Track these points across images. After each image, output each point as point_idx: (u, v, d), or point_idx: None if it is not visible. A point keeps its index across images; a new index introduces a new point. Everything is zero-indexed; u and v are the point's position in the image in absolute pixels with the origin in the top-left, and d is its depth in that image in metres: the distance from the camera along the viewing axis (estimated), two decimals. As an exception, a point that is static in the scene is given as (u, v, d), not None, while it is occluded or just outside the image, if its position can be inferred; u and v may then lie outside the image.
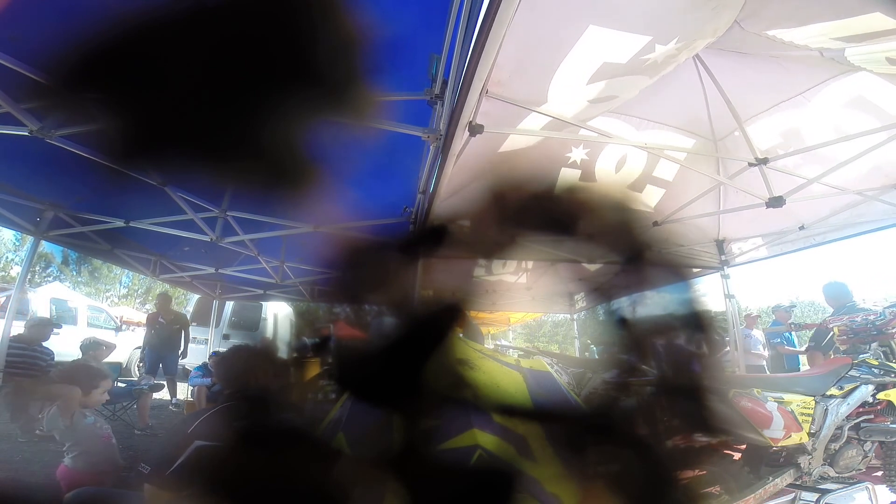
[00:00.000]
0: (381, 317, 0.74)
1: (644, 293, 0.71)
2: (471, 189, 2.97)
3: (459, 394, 0.80)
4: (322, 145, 0.69)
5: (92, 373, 2.68)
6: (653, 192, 3.79)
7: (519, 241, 0.74)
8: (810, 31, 2.06)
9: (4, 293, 7.14)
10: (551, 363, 3.35)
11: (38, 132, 2.36)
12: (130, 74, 0.60)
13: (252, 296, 7.12)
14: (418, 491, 0.65)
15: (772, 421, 2.59)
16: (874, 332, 3.16)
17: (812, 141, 2.93)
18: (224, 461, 0.77)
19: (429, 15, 1.87)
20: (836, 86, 2.67)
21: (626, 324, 0.74)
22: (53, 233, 4.18)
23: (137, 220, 3.99)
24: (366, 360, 0.75)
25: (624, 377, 0.74)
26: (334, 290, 0.81)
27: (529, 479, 0.94)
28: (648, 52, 2.16)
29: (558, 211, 0.71)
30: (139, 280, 19.72)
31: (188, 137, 0.63)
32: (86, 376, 2.59)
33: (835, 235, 3.86)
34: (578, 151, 3.36)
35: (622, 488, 0.66)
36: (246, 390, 1.52)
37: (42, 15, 1.70)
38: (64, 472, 2.33)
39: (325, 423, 1.16)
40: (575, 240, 0.71)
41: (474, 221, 0.76)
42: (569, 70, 2.18)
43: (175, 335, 6.37)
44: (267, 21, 0.62)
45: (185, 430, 1.46)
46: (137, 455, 3.68)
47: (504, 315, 9.41)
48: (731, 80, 2.68)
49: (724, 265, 4.56)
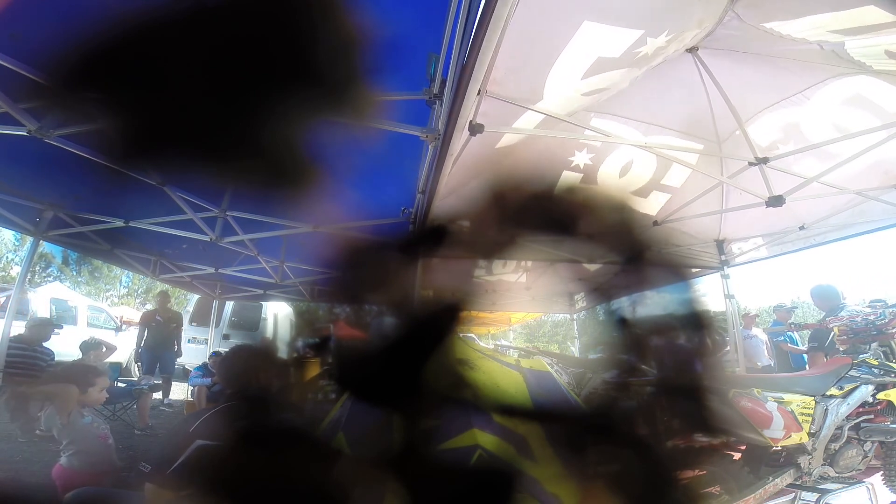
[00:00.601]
0: (381, 317, 0.74)
1: (644, 293, 0.71)
2: (470, 188, 2.97)
3: (459, 394, 0.80)
4: (321, 145, 0.69)
5: (88, 371, 2.68)
6: (658, 198, 3.79)
7: (518, 241, 0.74)
8: (807, 23, 2.07)
9: (4, 293, 7.13)
10: (551, 363, 3.35)
11: (36, 132, 2.36)
12: (129, 74, 0.60)
13: (252, 296, 7.12)
14: (418, 491, 0.65)
15: (772, 421, 2.59)
16: (874, 332, 3.16)
17: (812, 140, 2.93)
18: (225, 461, 0.77)
19: (427, 14, 1.87)
20: (836, 85, 2.67)
21: (626, 324, 0.74)
22: (53, 233, 4.18)
23: (137, 219, 3.99)
24: (366, 360, 0.74)
25: (624, 377, 0.74)
26: (334, 290, 0.81)
27: (529, 479, 0.94)
28: (640, 46, 2.17)
29: (558, 210, 0.71)
30: (139, 280, 19.72)
31: (187, 137, 0.63)
32: (82, 375, 2.59)
33: (835, 235, 3.86)
34: (582, 155, 3.35)
35: (622, 488, 0.66)
36: (246, 390, 1.52)
37: (40, 14, 1.70)
38: (59, 472, 2.33)
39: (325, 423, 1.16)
40: (575, 240, 0.71)
41: (474, 221, 0.76)
42: (564, 66, 2.19)
43: (172, 334, 6.36)
44: (266, 21, 0.62)
45: (187, 430, 1.47)
46: (137, 455, 3.68)
47: (504, 315, 9.41)
48: (730, 80, 2.68)
49: (724, 265, 4.56)
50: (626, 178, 3.54)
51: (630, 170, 3.50)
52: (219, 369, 3.39)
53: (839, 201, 3.45)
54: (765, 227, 4.11)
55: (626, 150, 3.38)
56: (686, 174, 3.56)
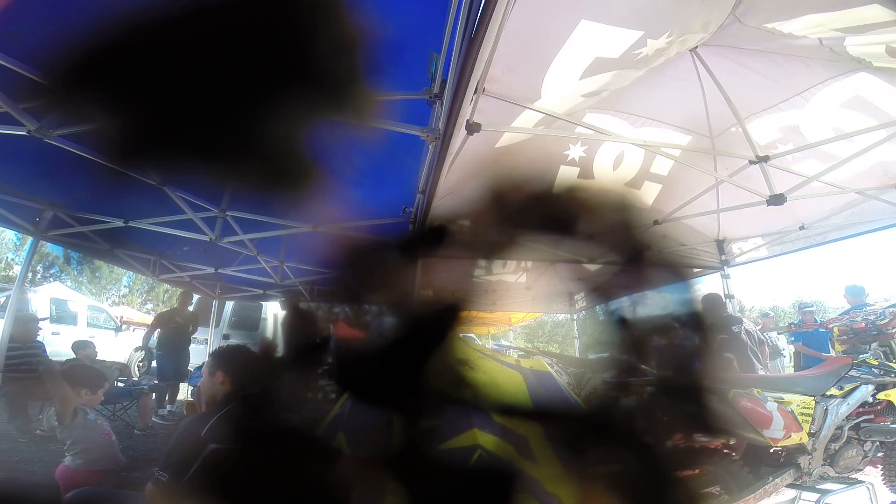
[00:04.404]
0: (381, 317, 0.74)
1: (644, 293, 0.71)
2: (470, 188, 2.98)
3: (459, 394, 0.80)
4: (322, 145, 0.69)
5: (94, 374, 2.70)
6: (651, 189, 3.79)
7: (518, 241, 0.74)
8: (808, 21, 2.07)
9: (4, 293, 7.13)
10: (551, 363, 3.34)
11: (36, 132, 2.36)
12: (129, 74, 0.60)
13: (252, 296, 7.11)
14: (418, 491, 0.65)
15: (772, 421, 2.59)
16: (874, 332, 3.16)
17: (811, 140, 2.93)
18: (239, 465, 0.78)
19: (428, 14, 1.86)
20: (835, 86, 2.67)
21: (626, 324, 0.74)
22: (53, 233, 4.18)
23: (137, 219, 3.98)
24: (366, 360, 0.74)
25: (624, 377, 0.74)
26: (334, 290, 0.81)
27: (529, 479, 0.94)
28: (640, 47, 2.17)
29: (558, 210, 0.71)
30: (140, 279, 19.71)
31: (187, 137, 0.63)
32: (88, 377, 2.61)
33: (835, 235, 3.86)
34: (576, 149, 3.36)
35: (622, 488, 0.66)
36: (246, 391, 1.52)
37: (40, 14, 1.70)
38: (63, 472, 2.33)
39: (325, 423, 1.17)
40: (574, 239, 0.71)
41: (474, 221, 0.76)
42: (562, 65, 2.19)
43: (189, 337, 6.01)
44: (266, 20, 0.62)
45: (197, 434, 1.45)
46: (137, 455, 3.68)
47: (504, 315, 9.41)
48: (729, 80, 2.68)
49: (724, 265, 4.56)
50: (620, 170, 3.55)
51: (623, 161, 3.51)
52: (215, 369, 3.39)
53: (839, 201, 3.45)
54: (765, 227, 4.11)
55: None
56: (672, 162, 3.55)
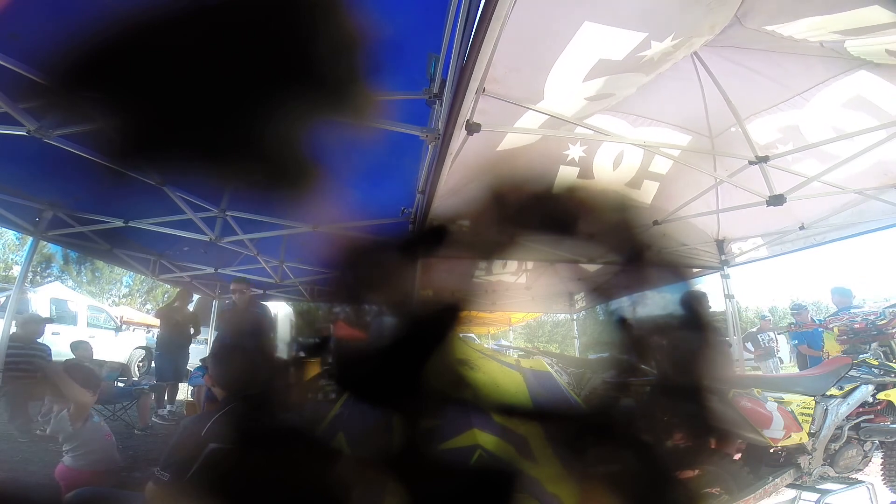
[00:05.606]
0: (381, 317, 0.74)
1: (644, 293, 0.71)
2: (470, 188, 2.97)
3: (459, 394, 0.80)
4: (321, 145, 0.69)
5: (93, 374, 2.71)
6: (649, 188, 3.78)
7: (518, 241, 0.74)
8: (809, 23, 2.07)
9: (4, 293, 7.13)
10: (551, 363, 3.35)
11: (36, 132, 2.36)
12: (129, 74, 0.60)
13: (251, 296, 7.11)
14: (418, 491, 0.65)
15: (772, 421, 2.59)
16: (874, 332, 3.16)
17: (811, 140, 2.92)
18: (240, 464, 0.78)
19: (427, 14, 1.87)
20: (836, 86, 2.67)
21: (626, 324, 0.74)
22: (52, 233, 4.18)
23: (136, 219, 3.98)
24: (366, 361, 0.74)
25: (624, 377, 0.74)
26: (334, 290, 0.81)
27: (529, 479, 0.94)
28: (644, 49, 2.15)
29: (557, 210, 0.71)
30: (140, 279, 19.70)
31: (187, 137, 0.63)
32: (89, 377, 2.61)
33: (835, 235, 3.86)
34: (576, 149, 3.35)
35: (622, 488, 0.66)
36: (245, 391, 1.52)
37: (40, 14, 1.70)
38: (63, 472, 2.33)
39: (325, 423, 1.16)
40: (574, 239, 0.71)
41: (474, 221, 0.76)
42: (564, 67, 2.18)
43: (189, 336, 5.86)
44: (266, 21, 0.62)
45: (198, 433, 1.45)
46: (137, 455, 3.68)
47: (504, 315, 9.41)
48: (729, 80, 2.67)
49: (724, 265, 4.56)
50: (620, 170, 3.55)
51: (622, 161, 3.51)
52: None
53: (839, 201, 3.45)
54: (765, 227, 4.11)
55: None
56: (670, 161, 3.55)
